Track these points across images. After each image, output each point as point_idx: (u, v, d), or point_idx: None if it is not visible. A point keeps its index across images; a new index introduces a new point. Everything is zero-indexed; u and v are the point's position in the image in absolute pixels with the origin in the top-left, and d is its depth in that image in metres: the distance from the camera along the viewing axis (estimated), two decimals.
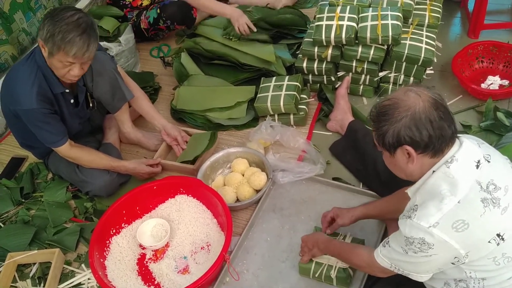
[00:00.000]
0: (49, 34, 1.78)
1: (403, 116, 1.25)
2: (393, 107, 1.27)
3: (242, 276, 1.87)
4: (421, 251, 1.26)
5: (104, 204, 2.20)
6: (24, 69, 1.95)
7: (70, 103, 2.09)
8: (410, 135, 1.24)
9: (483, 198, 1.23)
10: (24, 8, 2.79)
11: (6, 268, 1.98)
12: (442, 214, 1.22)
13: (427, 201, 1.27)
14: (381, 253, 1.40)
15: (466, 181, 1.24)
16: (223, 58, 2.62)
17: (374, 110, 1.33)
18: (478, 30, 2.73)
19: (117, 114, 2.29)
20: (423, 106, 1.24)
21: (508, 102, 2.37)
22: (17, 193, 2.31)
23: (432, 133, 1.24)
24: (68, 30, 1.76)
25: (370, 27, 2.25)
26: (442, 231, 1.22)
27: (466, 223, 1.21)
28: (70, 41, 1.77)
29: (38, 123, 1.97)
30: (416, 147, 1.26)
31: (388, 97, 1.31)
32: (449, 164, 1.26)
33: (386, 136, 1.28)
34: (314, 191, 2.11)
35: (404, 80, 2.36)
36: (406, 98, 1.27)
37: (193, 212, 2.05)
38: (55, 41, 1.78)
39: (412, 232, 1.26)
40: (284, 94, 2.34)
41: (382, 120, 1.29)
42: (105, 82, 2.12)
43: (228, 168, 2.29)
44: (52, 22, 1.78)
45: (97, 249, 1.91)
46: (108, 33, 2.77)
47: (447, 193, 1.24)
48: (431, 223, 1.22)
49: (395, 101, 1.28)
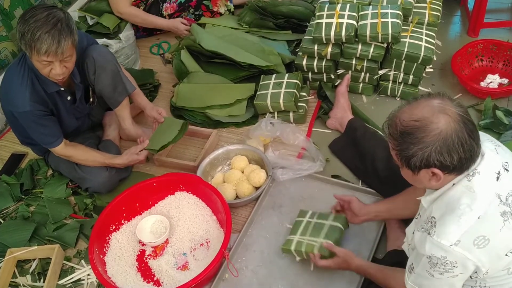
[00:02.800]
0: (20, 35, 1.76)
1: (435, 141, 1.17)
2: (422, 130, 1.18)
3: (241, 272, 1.88)
4: (447, 272, 1.23)
5: (103, 201, 2.21)
6: (16, 71, 1.94)
7: (67, 100, 2.09)
8: (441, 160, 1.18)
9: (502, 212, 1.21)
10: (25, 5, 2.79)
11: (6, 263, 1.98)
12: (463, 231, 1.19)
13: (445, 215, 1.23)
14: (410, 280, 1.35)
15: (487, 196, 1.21)
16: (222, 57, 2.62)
17: (396, 127, 1.23)
18: (478, 28, 2.74)
19: (117, 110, 2.29)
20: (454, 127, 1.17)
21: (507, 100, 2.37)
22: (17, 189, 2.31)
23: (463, 156, 1.18)
24: (36, 28, 1.73)
25: (370, 25, 2.25)
26: (464, 249, 1.19)
27: (487, 239, 1.19)
28: (39, 38, 1.73)
29: (32, 124, 1.98)
30: (444, 170, 1.21)
31: (413, 116, 1.20)
32: (471, 177, 1.22)
33: (412, 159, 1.21)
34: (313, 189, 2.12)
35: (404, 78, 2.36)
36: (436, 119, 1.18)
37: (192, 209, 2.06)
38: (26, 41, 1.76)
39: (432, 250, 1.22)
40: (284, 92, 2.34)
41: (408, 142, 1.20)
42: (107, 74, 2.12)
43: (227, 165, 2.29)
44: (22, 22, 1.76)
45: (97, 245, 1.92)
46: (108, 30, 2.78)
47: (467, 208, 1.20)
48: (452, 241, 1.19)
49: (423, 123, 1.18)
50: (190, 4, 3.00)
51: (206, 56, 2.68)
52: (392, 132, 1.25)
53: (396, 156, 1.28)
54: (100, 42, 2.61)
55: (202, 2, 3.00)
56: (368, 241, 1.88)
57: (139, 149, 2.20)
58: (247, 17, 2.88)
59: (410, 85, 2.40)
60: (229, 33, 2.78)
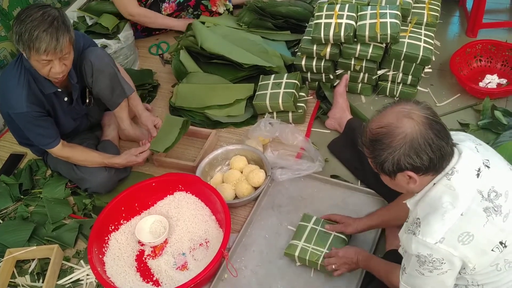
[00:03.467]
0: (17, 36, 1.76)
1: (402, 145, 1.21)
2: (389, 136, 1.23)
3: (241, 272, 1.88)
4: (435, 269, 1.25)
5: (103, 201, 2.21)
6: (12, 73, 1.94)
7: (64, 101, 2.09)
8: (411, 162, 1.22)
9: (485, 208, 1.23)
10: (23, 5, 2.78)
11: (5, 264, 1.98)
12: (447, 229, 1.21)
13: (429, 215, 1.25)
14: (403, 280, 1.37)
15: (468, 192, 1.23)
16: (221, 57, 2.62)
17: (366, 136, 1.29)
18: (477, 29, 2.74)
19: (116, 111, 2.29)
20: (418, 130, 1.21)
21: (506, 100, 2.37)
22: (16, 190, 2.31)
23: (432, 156, 1.21)
24: (33, 27, 1.73)
25: (368, 26, 2.25)
26: (449, 246, 1.21)
27: (471, 235, 1.21)
28: (37, 38, 1.73)
29: (29, 126, 1.98)
30: (417, 171, 1.24)
31: (380, 123, 1.25)
32: (450, 176, 1.25)
33: (385, 164, 1.25)
34: (312, 189, 2.12)
35: (403, 79, 2.37)
36: (400, 124, 1.22)
37: (191, 209, 2.06)
38: (24, 42, 1.75)
39: (419, 248, 1.25)
40: (283, 92, 2.34)
41: (378, 149, 1.25)
42: (105, 77, 2.12)
43: (226, 165, 2.29)
44: (18, 22, 1.75)
45: (96, 245, 1.92)
46: (107, 30, 2.78)
47: (449, 206, 1.23)
48: (436, 239, 1.22)
49: (389, 129, 1.23)
50: (189, 4, 3.00)
51: (205, 56, 2.68)
52: (364, 141, 1.30)
53: (371, 163, 1.32)
54: (99, 42, 2.62)
55: (201, 2, 3.00)
56: (367, 241, 1.88)
57: (139, 151, 2.20)
58: (246, 17, 2.88)
59: (409, 85, 2.40)
60: (230, 32, 2.78)
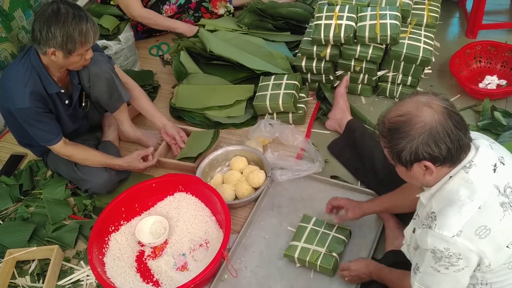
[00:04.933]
0: (66, 37, 1.79)
1: (421, 133, 1.20)
2: (407, 124, 1.21)
3: (240, 273, 1.88)
4: (452, 265, 1.23)
5: (103, 202, 2.21)
6: (18, 68, 1.95)
7: (65, 104, 2.09)
8: (429, 152, 1.20)
9: (501, 202, 1.22)
10: (24, 6, 2.79)
11: (5, 264, 1.98)
12: (465, 222, 1.20)
13: (445, 208, 1.24)
14: (416, 280, 1.34)
15: (485, 186, 1.22)
16: (221, 58, 2.63)
17: (384, 125, 1.27)
18: (476, 30, 2.74)
19: (115, 114, 2.29)
20: (438, 119, 1.19)
21: (506, 101, 2.38)
22: (16, 190, 2.31)
23: (450, 146, 1.20)
24: (77, 23, 1.80)
25: (368, 27, 2.26)
26: (467, 239, 1.20)
27: (488, 228, 1.20)
28: (86, 31, 1.82)
29: (31, 121, 1.98)
30: (435, 162, 1.22)
31: (399, 112, 1.24)
32: (468, 169, 1.24)
33: (402, 153, 1.23)
34: (312, 189, 2.12)
35: (402, 80, 2.37)
36: (420, 113, 1.21)
37: (191, 210, 2.06)
38: (75, 40, 1.81)
39: (435, 242, 1.23)
40: (283, 93, 2.34)
41: (396, 138, 1.23)
42: (102, 83, 2.12)
43: (227, 166, 2.29)
44: (58, 26, 1.78)
45: (96, 246, 1.92)
46: (107, 31, 2.78)
47: (467, 199, 1.21)
48: (454, 232, 1.20)
49: (408, 117, 1.21)
50: (189, 6, 3.00)
51: (206, 57, 2.68)
52: (381, 131, 1.29)
53: (388, 153, 1.30)
54: (100, 44, 2.62)
55: (202, 4, 3.01)
56: (367, 242, 1.88)
57: (142, 154, 2.21)
58: (246, 18, 2.88)
59: (408, 86, 2.40)
60: (233, 36, 2.78)
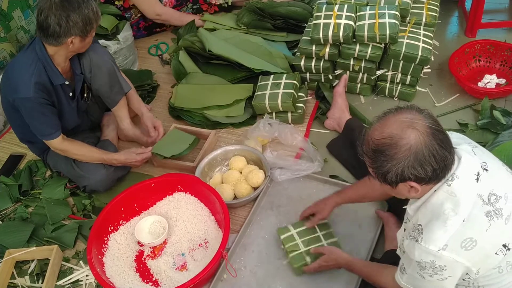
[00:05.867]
0: (85, 21, 1.87)
1: (407, 157, 1.18)
2: (392, 147, 1.20)
3: (240, 273, 1.88)
4: (436, 274, 1.25)
5: (102, 201, 2.21)
6: (23, 59, 1.96)
7: (69, 96, 2.10)
8: (415, 173, 1.20)
9: (486, 212, 1.23)
10: (23, 6, 2.79)
11: (5, 264, 1.98)
12: (450, 236, 1.21)
13: (431, 221, 1.25)
14: (403, 280, 1.38)
15: (469, 198, 1.23)
16: (220, 58, 2.63)
17: (369, 145, 1.25)
18: (475, 29, 2.74)
19: (115, 110, 2.29)
20: (423, 141, 1.18)
21: (505, 100, 2.38)
22: (15, 190, 2.31)
23: (436, 167, 1.19)
24: (88, 4, 1.87)
25: (367, 26, 2.25)
26: (452, 253, 1.21)
27: (474, 240, 1.21)
28: (96, 8, 1.91)
29: (33, 113, 1.97)
30: (420, 182, 1.23)
31: (383, 133, 1.22)
32: (450, 182, 1.24)
33: (388, 175, 1.23)
34: (311, 189, 2.12)
35: (402, 79, 2.37)
36: (405, 135, 1.19)
37: (191, 209, 2.06)
38: (91, 21, 1.89)
39: (421, 256, 1.25)
40: (282, 92, 2.34)
41: (381, 160, 1.22)
42: (103, 74, 2.13)
43: (226, 165, 2.29)
44: (76, 13, 1.84)
45: (95, 246, 1.92)
46: (106, 31, 2.78)
47: (451, 212, 1.22)
48: (439, 246, 1.21)
49: (393, 140, 1.19)
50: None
51: (205, 57, 2.68)
52: (366, 151, 1.27)
53: (373, 172, 1.29)
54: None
55: None
56: (366, 241, 1.88)
57: (139, 151, 2.20)
58: (245, 18, 2.88)
59: (408, 86, 2.40)
60: (233, 36, 2.78)
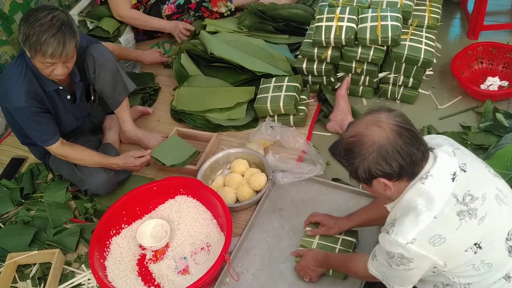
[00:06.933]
0: (25, 37, 1.78)
1: (370, 152, 1.24)
2: (358, 144, 1.26)
3: (242, 276, 1.88)
4: (403, 264, 1.29)
5: (104, 205, 2.21)
6: (13, 68, 1.96)
7: (67, 99, 2.09)
8: (381, 169, 1.24)
9: (459, 211, 1.25)
10: (24, 9, 2.79)
11: (6, 268, 1.98)
12: (419, 230, 1.24)
13: (403, 216, 1.28)
14: (372, 266, 1.43)
15: (442, 196, 1.25)
16: (222, 61, 2.62)
17: (341, 147, 1.32)
18: (478, 31, 2.74)
19: (118, 111, 2.29)
20: (386, 137, 1.23)
21: (508, 103, 2.37)
22: (17, 194, 2.31)
23: (402, 162, 1.23)
24: (42, 31, 1.75)
25: (369, 28, 2.25)
26: (420, 247, 1.25)
27: (442, 237, 1.24)
28: (44, 42, 1.76)
29: (27, 121, 1.98)
30: (389, 178, 1.26)
31: (351, 132, 1.29)
32: (424, 180, 1.27)
33: (358, 172, 1.28)
34: (314, 192, 2.12)
35: (404, 81, 2.36)
36: (369, 132, 1.25)
37: (193, 213, 2.06)
38: (30, 44, 1.77)
39: (391, 247, 1.29)
40: (284, 95, 2.34)
41: (350, 158, 1.28)
42: (106, 73, 2.13)
43: (228, 168, 2.29)
44: (26, 24, 1.77)
45: (97, 250, 1.92)
46: (108, 33, 2.78)
47: (423, 208, 1.25)
48: (408, 239, 1.25)
49: (358, 138, 1.26)
50: (189, 7, 3.00)
51: (206, 59, 2.68)
52: (340, 152, 1.34)
53: (350, 175, 1.34)
54: None
55: (202, 4, 3.01)
56: (369, 244, 1.87)
57: (139, 154, 2.20)
58: (247, 20, 2.88)
59: (410, 88, 2.40)
60: (235, 38, 2.78)
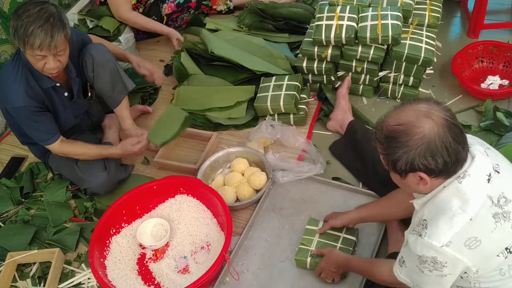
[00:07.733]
0: (14, 30, 1.78)
1: (418, 145, 1.18)
2: (406, 134, 1.19)
3: (242, 276, 1.88)
4: (436, 270, 1.24)
5: (104, 204, 2.20)
6: (10, 68, 1.96)
7: (64, 96, 2.09)
8: (425, 164, 1.19)
9: (494, 213, 1.22)
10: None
11: (6, 267, 1.98)
12: (455, 233, 1.20)
13: (437, 217, 1.24)
14: (401, 273, 1.37)
15: (478, 197, 1.21)
16: (222, 59, 2.62)
17: (382, 132, 1.25)
18: (478, 30, 2.73)
19: (117, 110, 2.28)
20: (437, 132, 1.17)
21: (508, 102, 2.37)
22: (17, 193, 2.31)
23: (447, 160, 1.18)
24: (29, 22, 1.75)
25: (370, 27, 2.24)
26: (455, 250, 1.20)
27: (478, 240, 1.20)
28: (32, 33, 1.75)
29: (27, 121, 1.98)
30: (430, 173, 1.21)
31: (398, 120, 1.22)
32: (461, 179, 1.22)
33: (398, 162, 1.22)
34: (314, 191, 2.11)
35: (404, 80, 2.36)
36: (419, 123, 1.19)
37: (193, 212, 2.06)
38: (19, 36, 1.78)
39: (423, 250, 1.24)
40: (284, 94, 2.34)
41: (393, 146, 1.22)
42: (106, 73, 2.13)
43: (228, 167, 2.29)
44: (15, 17, 1.78)
45: (97, 249, 1.92)
46: (108, 33, 2.77)
47: (458, 210, 1.21)
48: (443, 242, 1.20)
49: (407, 127, 1.19)
50: (189, 5, 3.00)
51: (206, 58, 2.68)
52: (379, 136, 1.27)
53: (383, 160, 1.29)
54: None
55: (202, 2, 3.00)
56: (370, 244, 1.87)
57: (135, 141, 2.19)
58: (247, 19, 2.88)
59: (410, 87, 2.39)
60: (235, 37, 2.78)
